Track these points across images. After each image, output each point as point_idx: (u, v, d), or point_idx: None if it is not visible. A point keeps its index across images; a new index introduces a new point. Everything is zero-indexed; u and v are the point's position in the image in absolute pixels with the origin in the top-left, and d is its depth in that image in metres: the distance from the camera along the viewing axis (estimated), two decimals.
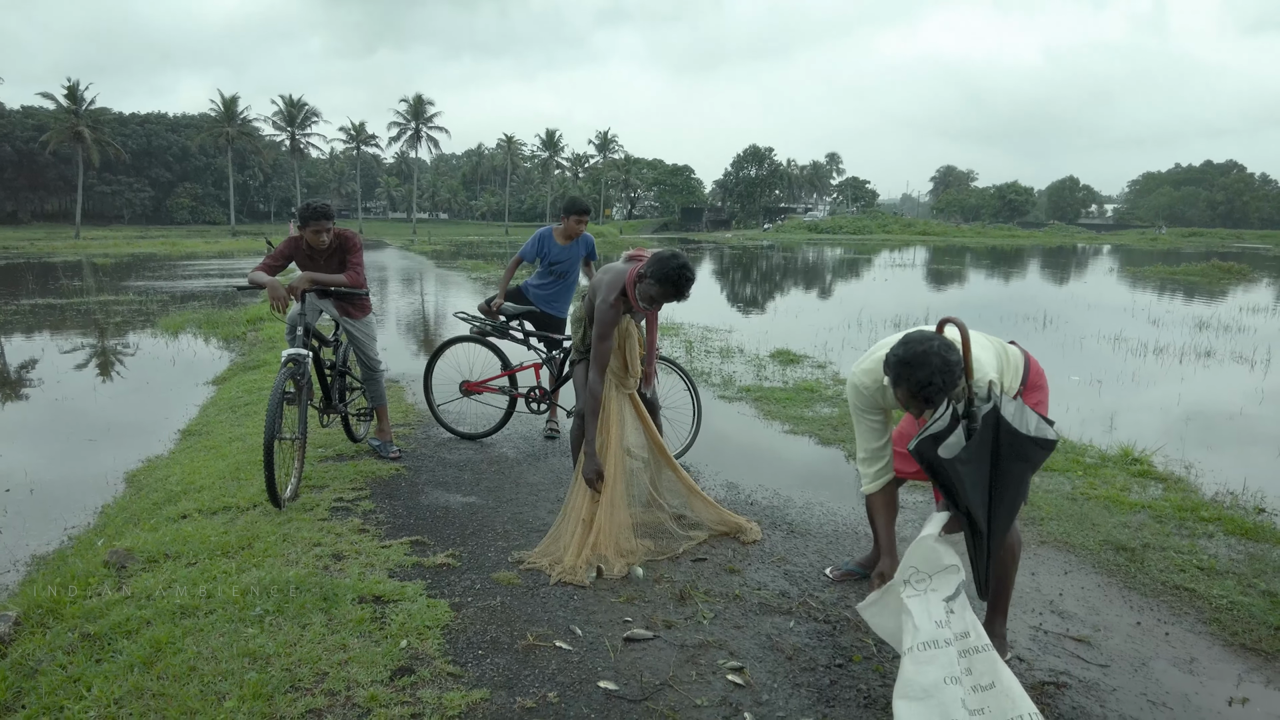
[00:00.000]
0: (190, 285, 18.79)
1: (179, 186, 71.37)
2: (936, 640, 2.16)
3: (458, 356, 5.28)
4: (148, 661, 2.53)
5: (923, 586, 2.27)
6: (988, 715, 2.10)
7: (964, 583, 2.29)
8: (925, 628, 2.18)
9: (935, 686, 2.09)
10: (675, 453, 4.92)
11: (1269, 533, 3.94)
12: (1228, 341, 10.75)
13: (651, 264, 3.41)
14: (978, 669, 2.16)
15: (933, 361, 2.25)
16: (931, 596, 2.25)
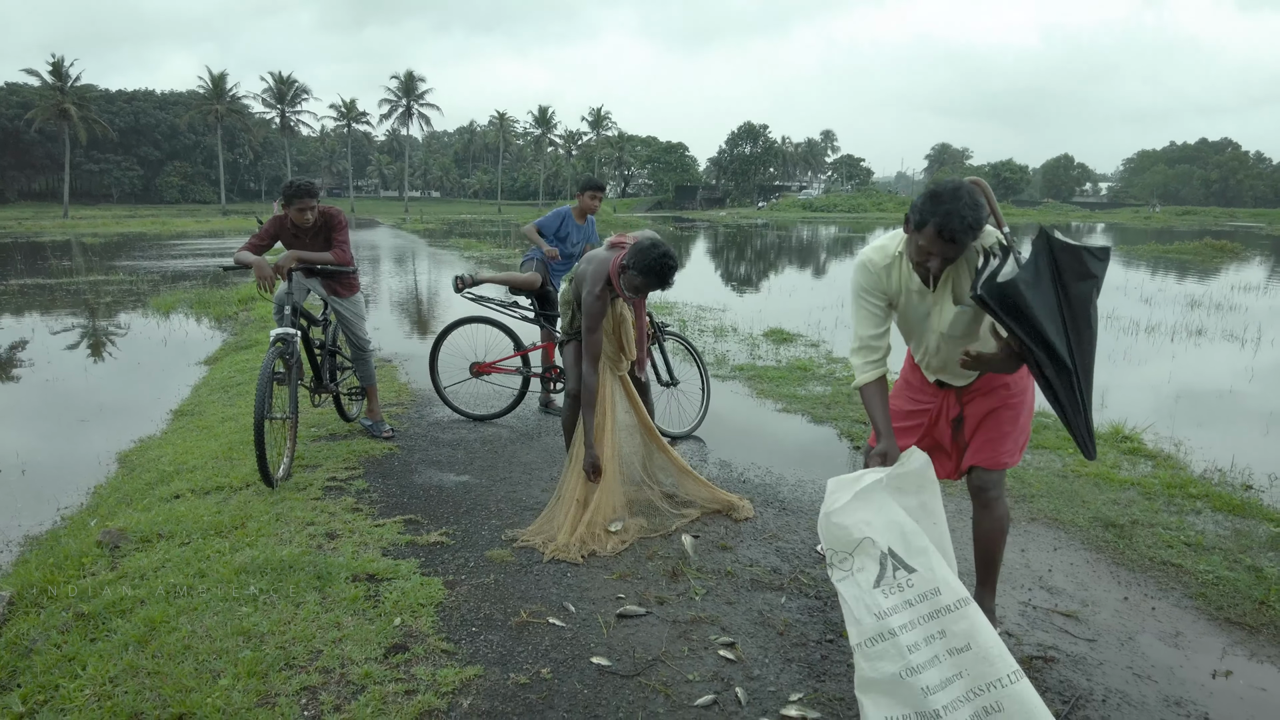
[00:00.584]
0: (181, 265, 18.66)
1: (168, 165, 70.67)
2: (881, 633, 2.03)
3: (465, 338, 5.26)
4: (142, 640, 2.54)
5: (847, 567, 2.14)
6: (965, 680, 1.99)
7: (886, 554, 2.12)
8: (866, 621, 2.06)
9: (894, 681, 2.00)
10: (686, 429, 5.06)
11: (1255, 509, 3.98)
12: (1219, 320, 10.79)
13: (633, 255, 3.38)
14: (951, 630, 2.03)
15: (962, 196, 2.18)
16: (861, 579, 2.11)
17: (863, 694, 2.03)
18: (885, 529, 2.15)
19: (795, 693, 2.39)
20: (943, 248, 2.24)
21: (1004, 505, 2.64)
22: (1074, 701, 2.38)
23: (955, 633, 2.03)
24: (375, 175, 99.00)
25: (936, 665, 2.00)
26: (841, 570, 2.15)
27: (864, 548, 2.13)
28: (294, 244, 4.46)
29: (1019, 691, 1.95)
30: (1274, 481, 4.56)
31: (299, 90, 69.36)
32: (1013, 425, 2.57)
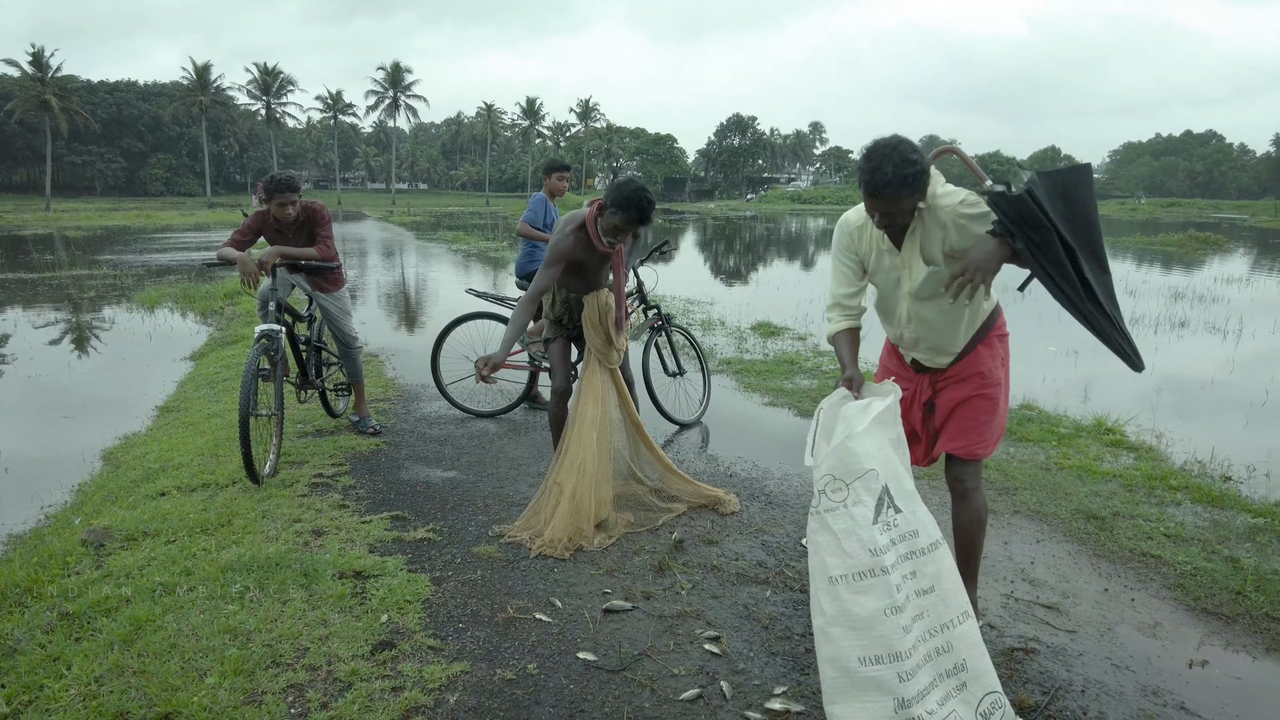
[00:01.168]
0: (166, 258, 18.51)
1: (152, 157, 69.99)
2: (873, 569, 2.00)
3: (468, 334, 5.24)
4: (127, 639, 2.54)
5: (840, 498, 2.07)
6: (925, 620, 2.04)
7: (884, 490, 2.11)
8: (859, 556, 2.01)
9: (874, 618, 1.97)
10: (693, 417, 5.20)
11: (1234, 500, 4.04)
12: (1202, 312, 10.90)
13: (609, 192, 3.40)
14: (922, 572, 2.07)
15: (888, 153, 2.23)
16: (856, 512, 2.05)
17: (834, 627, 2.00)
18: (885, 466, 2.14)
19: (780, 686, 2.42)
20: (873, 204, 2.31)
21: (982, 497, 2.67)
22: (1054, 692, 2.42)
23: (924, 574, 2.08)
24: (362, 167, 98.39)
25: (910, 605, 2.03)
26: (833, 500, 2.08)
27: (866, 480, 2.09)
28: (277, 239, 4.43)
29: (965, 632, 2.03)
30: (1252, 473, 4.62)
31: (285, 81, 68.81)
32: (989, 415, 2.59)
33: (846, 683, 1.98)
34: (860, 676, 1.96)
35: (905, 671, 1.96)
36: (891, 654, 1.96)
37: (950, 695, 2.00)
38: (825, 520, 2.09)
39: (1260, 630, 2.82)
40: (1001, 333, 2.65)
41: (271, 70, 67.83)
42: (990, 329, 2.60)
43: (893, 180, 2.22)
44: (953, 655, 2.02)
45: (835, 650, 2.00)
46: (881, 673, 1.95)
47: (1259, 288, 14.15)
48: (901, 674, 1.95)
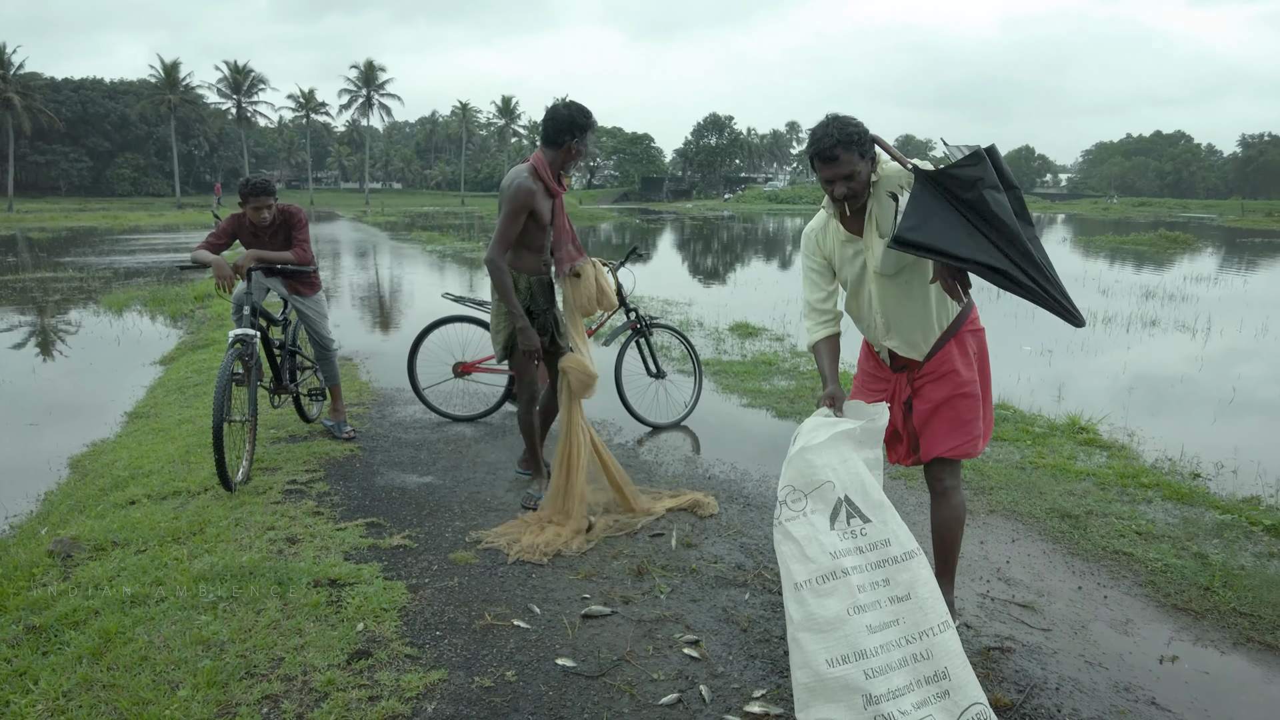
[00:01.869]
0: (134, 260, 18.20)
1: (119, 156, 68.68)
2: (834, 571, 2.08)
3: (444, 338, 5.19)
4: (97, 652, 2.49)
5: (799, 508, 2.18)
6: (900, 626, 2.07)
7: (842, 500, 2.19)
8: (820, 559, 2.09)
9: (838, 619, 2.03)
10: (674, 419, 5.22)
11: (1202, 497, 4.11)
12: (1172, 310, 11.10)
13: (546, 128, 3.49)
14: (895, 580, 2.12)
15: (824, 122, 2.41)
16: (815, 520, 2.14)
17: (802, 633, 2.04)
18: (847, 478, 2.23)
19: (759, 689, 2.42)
20: (824, 169, 2.42)
21: (960, 496, 2.69)
22: (1029, 690, 2.44)
23: (899, 582, 2.12)
24: (335, 167, 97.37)
25: (878, 609, 2.08)
26: (793, 510, 2.19)
27: (823, 491, 2.20)
28: (253, 243, 4.38)
29: (945, 641, 2.07)
30: (1220, 469, 4.71)
31: (256, 80, 67.88)
32: (973, 414, 2.60)
33: (818, 686, 2.00)
34: (829, 678, 2.00)
35: (871, 669, 1.99)
36: (856, 652, 2.01)
37: (929, 701, 2.02)
38: (788, 530, 2.16)
39: (1228, 625, 2.87)
40: (974, 327, 2.66)
41: (242, 68, 66.90)
42: (962, 324, 2.62)
43: (839, 139, 2.36)
44: (932, 663, 2.05)
45: (804, 656, 2.03)
46: (848, 672, 1.99)
47: (1226, 286, 14.43)
48: (867, 671, 1.99)
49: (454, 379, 5.28)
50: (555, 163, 3.52)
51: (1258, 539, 3.64)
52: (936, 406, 2.60)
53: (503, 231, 3.47)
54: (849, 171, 2.41)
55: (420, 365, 5.18)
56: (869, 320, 2.67)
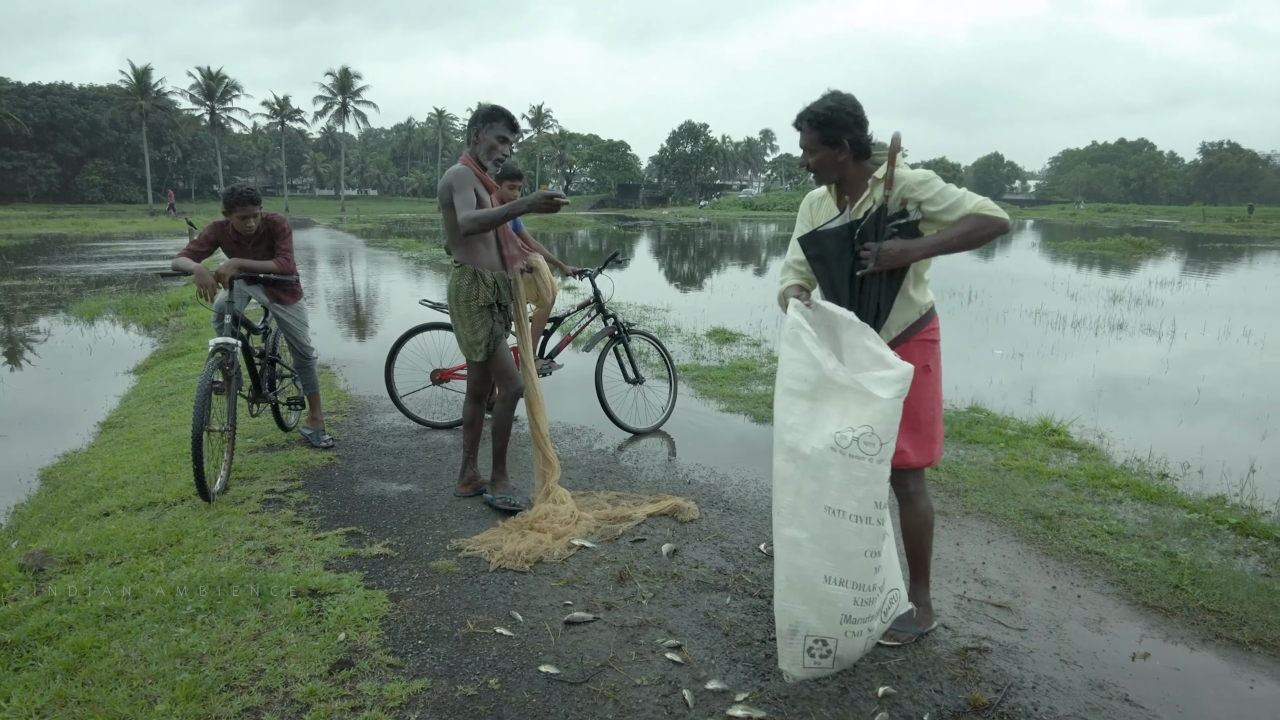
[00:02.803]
0: (106, 268, 17.91)
1: (89, 163, 67.55)
2: (873, 519, 2.19)
3: (423, 345, 5.17)
4: (71, 668, 2.45)
5: (872, 451, 2.20)
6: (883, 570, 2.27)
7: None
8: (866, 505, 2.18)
9: (855, 555, 2.19)
10: (652, 425, 5.24)
11: (1170, 496, 4.20)
12: (1138, 314, 11.32)
13: (472, 124, 3.66)
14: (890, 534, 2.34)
15: (821, 96, 2.58)
16: (881, 470, 2.20)
17: (814, 544, 2.23)
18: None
19: (741, 693, 2.44)
20: (801, 139, 2.60)
21: (926, 500, 2.74)
22: (1006, 690, 2.49)
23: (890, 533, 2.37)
24: (310, 174, 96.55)
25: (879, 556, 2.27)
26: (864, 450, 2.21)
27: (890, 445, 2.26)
28: (236, 251, 4.35)
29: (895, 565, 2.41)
30: (1187, 469, 4.82)
31: (230, 86, 67.14)
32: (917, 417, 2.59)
33: (805, 588, 2.23)
34: (820, 589, 2.21)
35: (864, 599, 2.23)
36: (858, 584, 2.22)
37: (883, 619, 2.33)
38: (848, 464, 2.19)
39: (1197, 622, 2.94)
40: (931, 337, 2.69)
41: (215, 74, 66.15)
42: (917, 331, 2.64)
43: (807, 116, 2.55)
44: (885, 572, 2.31)
45: (806, 560, 2.23)
46: (839, 592, 2.21)
47: (1189, 290, 14.74)
48: (859, 599, 2.22)
49: (431, 386, 5.26)
50: (473, 155, 3.67)
51: (1224, 537, 3.73)
52: None
53: (463, 201, 3.53)
54: (807, 146, 2.58)
55: (397, 373, 5.16)
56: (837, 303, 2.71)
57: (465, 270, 3.68)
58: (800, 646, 2.26)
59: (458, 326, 3.76)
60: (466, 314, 3.69)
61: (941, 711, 2.37)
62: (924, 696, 2.44)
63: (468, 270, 3.67)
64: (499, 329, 3.76)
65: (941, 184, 2.52)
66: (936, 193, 2.49)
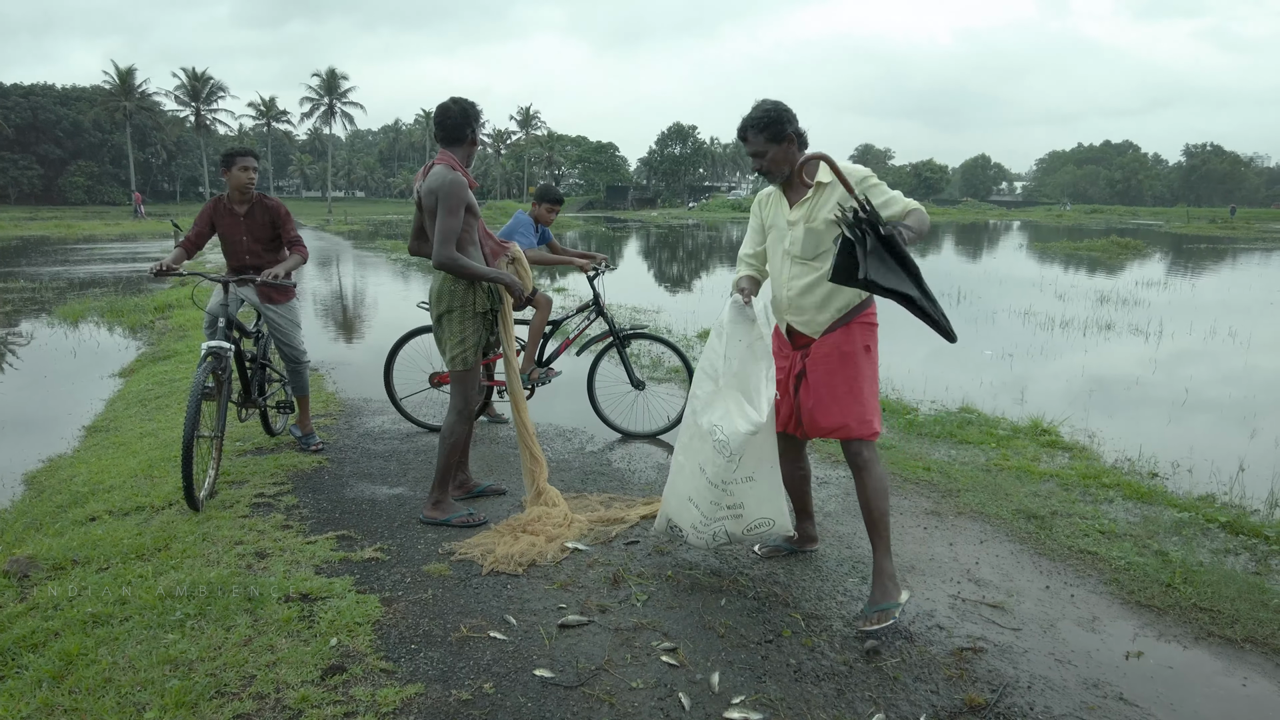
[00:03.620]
0: (90, 270, 17.74)
1: (72, 164, 66.92)
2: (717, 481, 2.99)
3: (423, 347, 5.04)
4: (57, 675, 2.41)
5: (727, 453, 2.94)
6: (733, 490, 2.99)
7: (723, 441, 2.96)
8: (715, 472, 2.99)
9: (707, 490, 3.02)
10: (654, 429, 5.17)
11: (1161, 495, 4.22)
12: (1125, 314, 11.40)
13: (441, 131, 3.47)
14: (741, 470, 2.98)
15: (755, 104, 2.89)
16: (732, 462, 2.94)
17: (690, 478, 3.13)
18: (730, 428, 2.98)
19: (737, 695, 2.43)
20: (749, 148, 2.90)
21: (880, 468, 2.92)
22: (1001, 690, 2.49)
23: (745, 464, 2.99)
24: (297, 175, 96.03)
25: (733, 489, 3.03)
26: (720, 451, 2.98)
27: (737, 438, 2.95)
28: (232, 229, 4.34)
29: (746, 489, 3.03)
30: (1176, 468, 4.85)
31: (215, 87, 66.77)
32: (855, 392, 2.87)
33: (676, 498, 3.17)
34: (684, 502, 3.12)
35: (705, 515, 3.05)
36: (702, 506, 3.05)
37: (725, 518, 3.03)
38: (714, 447, 2.97)
39: (1189, 620, 2.95)
40: (869, 321, 2.95)
41: (201, 75, 65.74)
42: (857, 315, 2.92)
43: (749, 124, 2.84)
44: (733, 498, 3.00)
45: (682, 483, 3.14)
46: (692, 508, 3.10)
47: (1175, 290, 14.87)
48: (703, 515, 3.06)
49: (430, 389, 5.22)
50: (462, 158, 3.48)
51: (1214, 535, 3.75)
52: (823, 381, 2.91)
53: (448, 227, 3.34)
54: (756, 150, 2.87)
55: (395, 375, 5.12)
56: (779, 291, 3.04)
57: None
58: (663, 525, 3.26)
59: (446, 332, 3.57)
60: (460, 320, 3.52)
61: (938, 712, 2.37)
62: (920, 697, 2.44)
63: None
64: (488, 336, 3.66)
65: (886, 186, 2.84)
66: (878, 187, 2.81)
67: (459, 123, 3.45)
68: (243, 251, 4.42)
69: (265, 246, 4.44)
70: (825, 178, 2.83)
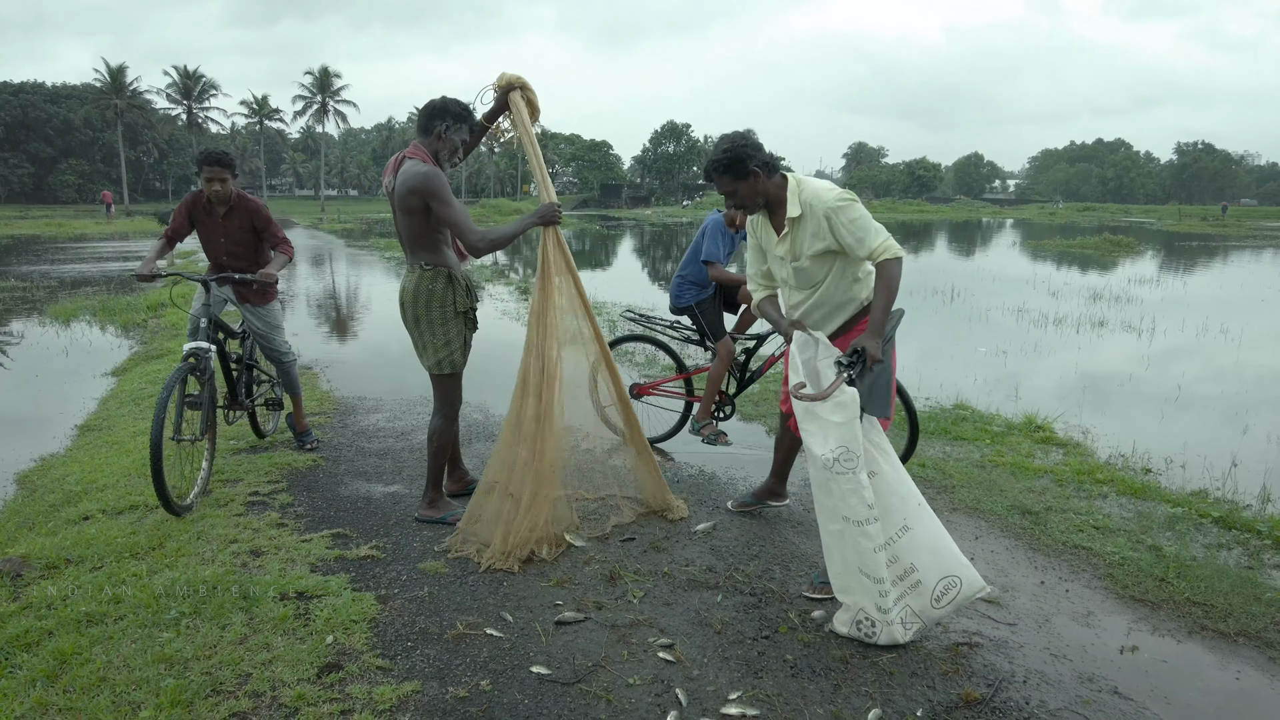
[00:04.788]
0: (82, 269, 17.63)
1: (62, 163, 66.42)
2: (869, 519, 2.62)
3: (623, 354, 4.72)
4: (51, 675, 2.40)
5: (850, 465, 2.62)
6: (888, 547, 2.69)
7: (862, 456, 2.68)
8: (859, 510, 2.61)
9: (868, 553, 2.63)
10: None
11: (1155, 491, 4.24)
12: (1118, 311, 11.44)
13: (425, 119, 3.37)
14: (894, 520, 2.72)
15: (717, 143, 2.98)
16: (861, 477, 2.62)
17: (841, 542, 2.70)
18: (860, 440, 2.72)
19: (734, 691, 2.43)
20: (719, 188, 3.00)
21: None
22: (997, 684, 2.50)
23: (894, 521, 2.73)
24: (290, 173, 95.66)
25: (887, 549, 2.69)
26: (844, 466, 2.63)
27: (863, 454, 2.66)
28: (211, 230, 4.30)
29: (908, 541, 2.69)
30: (1169, 464, 4.87)
31: (207, 85, 66.35)
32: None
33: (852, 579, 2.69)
34: (859, 579, 2.66)
35: (883, 590, 2.63)
36: (877, 578, 2.62)
37: (905, 594, 2.67)
38: (838, 480, 2.64)
39: (1183, 615, 2.96)
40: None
41: (192, 74, 65.30)
42: (855, 325, 3.09)
43: (713, 167, 2.95)
44: (900, 564, 2.68)
45: (846, 555, 2.68)
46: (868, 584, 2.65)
47: (1167, 288, 14.94)
48: (881, 591, 2.62)
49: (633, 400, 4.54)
50: (430, 150, 3.38)
51: (1207, 530, 3.77)
52: None
53: (459, 214, 3.24)
54: (728, 190, 2.97)
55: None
56: (789, 305, 3.18)
57: (439, 273, 3.39)
58: (847, 621, 2.73)
59: (426, 334, 3.44)
60: (440, 321, 3.41)
61: (934, 707, 2.37)
62: (916, 692, 2.44)
63: (441, 273, 3.39)
64: (470, 337, 3.57)
65: (859, 211, 2.84)
66: (852, 220, 2.82)
67: (433, 114, 3.38)
68: (220, 252, 4.36)
69: (245, 248, 4.37)
70: (794, 212, 2.91)
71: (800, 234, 2.93)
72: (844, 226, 2.81)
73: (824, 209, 2.83)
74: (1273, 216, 62.42)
